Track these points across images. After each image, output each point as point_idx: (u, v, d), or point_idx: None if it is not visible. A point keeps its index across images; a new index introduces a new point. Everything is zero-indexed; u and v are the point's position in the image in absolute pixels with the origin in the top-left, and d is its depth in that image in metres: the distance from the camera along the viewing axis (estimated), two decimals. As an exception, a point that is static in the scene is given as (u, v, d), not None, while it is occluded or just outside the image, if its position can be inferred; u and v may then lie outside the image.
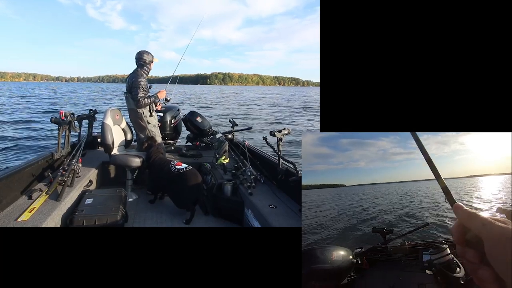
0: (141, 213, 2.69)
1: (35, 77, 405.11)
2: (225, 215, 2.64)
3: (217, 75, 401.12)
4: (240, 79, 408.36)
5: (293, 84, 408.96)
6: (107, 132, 2.92)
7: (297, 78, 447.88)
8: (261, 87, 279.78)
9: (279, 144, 2.69)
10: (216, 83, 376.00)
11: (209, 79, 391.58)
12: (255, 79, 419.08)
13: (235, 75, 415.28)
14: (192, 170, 2.64)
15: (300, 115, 19.38)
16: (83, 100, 28.30)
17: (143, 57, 3.14)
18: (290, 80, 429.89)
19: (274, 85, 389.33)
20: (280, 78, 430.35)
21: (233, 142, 3.62)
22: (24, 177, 2.32)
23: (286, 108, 24.21)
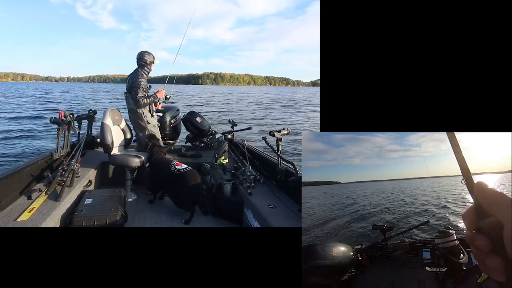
0: (141, 213, 2.69)
1: (24, 77, 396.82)
2: (225, 215, 2.63)
3: (209, 75, 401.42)
4: (232, 79, 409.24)
5: (283, 84, 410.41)
6: (107, 132, 2.91)
7: (288, 78, 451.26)
8: (252, 87, 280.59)
9: (279, 144, 2.69)
10: (208, 83, 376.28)
11: (200, 79, 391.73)
12: (247, 79, 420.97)
13: (227, 75, 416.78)
14: (191, 171, 2.64)
15: (276, 112, 20.54)
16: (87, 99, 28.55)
17: (144, 57, 3.14)
18: (281, 80, 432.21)
19: (265, 85, 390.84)
20: (271, 78, 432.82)
21: (233, 142, 3.61)
22: (24, 177, 2.32)
23: (268, 105, 25.87)
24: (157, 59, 3.25)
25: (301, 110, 22.88)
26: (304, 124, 14.50)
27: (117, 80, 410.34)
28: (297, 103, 31.04)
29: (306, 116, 18.80)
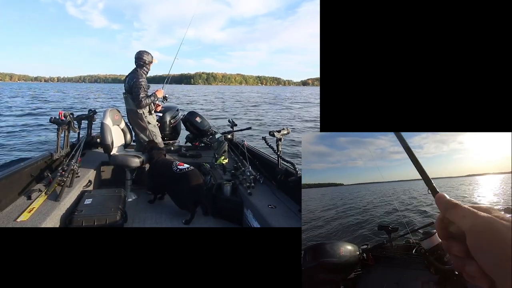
0: (141, 213, 2.69)
1: (12, 77, 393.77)
2: (225, 215, 2.63)
3: (201, 75, 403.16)
4: (224, 79, 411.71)
5: (274, 84, 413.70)
6: (107, 132, 2.91)
7: (279, 77, 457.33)
8: (244, 86, 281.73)
9: (278, 144, 2.69)
10: (200, 82, 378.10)
11: (193, 78, 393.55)
12: (238, 79, 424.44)
13: (219, 75, 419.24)
14: (194, 170, 2.64)
15: (252, 111, 21.42)
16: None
17: (143, 57, 3.14)
18: (272, 79, 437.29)
19: (256, 84, 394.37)
20: (263, 78, 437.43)
21: (233, 142, 3.61)
22: (24, 178, 2.32)
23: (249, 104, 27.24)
24: (155, 59, 3.25)
25: (286, 106, 24.63)
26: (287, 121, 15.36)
27: (108, 80, 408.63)
28: (283, 100, 32.95)
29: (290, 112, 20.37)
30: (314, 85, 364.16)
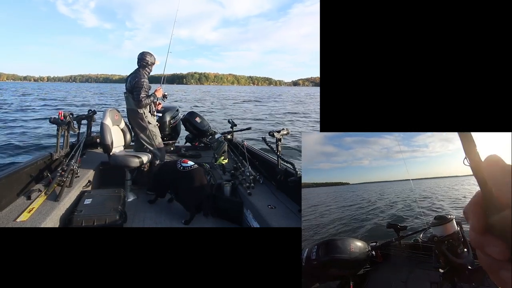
0: (140, 213, 2.68)
1: (0, 76, 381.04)
2: (224, 215, 2.63)
3: (193, 75, 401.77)
4: (216, 79, 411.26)
5: (266, 84, 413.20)
6: (106, 132, 2.91)
7: (270, 78, 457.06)
8: (236, 86, 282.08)
9: (278, 144, 2.68)
10: (192, 82, 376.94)
11: (185, 78, 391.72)
12: (231, 79, 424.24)
13: (211, 75, 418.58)
14: (198, 169, 2.62)
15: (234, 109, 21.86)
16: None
17: (146, 58, 3.14)
18: (264, 80, 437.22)
19: (248, 84, 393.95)
20: (254, 78, 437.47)
21: (232, 142, 3.61)
22: (23, 178, 2.31)
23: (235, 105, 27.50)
24: (157, 60, 3.25)
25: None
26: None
27: (100, 79, 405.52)
28: (268, 98, 34.62)
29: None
30: (305, 85, 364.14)
